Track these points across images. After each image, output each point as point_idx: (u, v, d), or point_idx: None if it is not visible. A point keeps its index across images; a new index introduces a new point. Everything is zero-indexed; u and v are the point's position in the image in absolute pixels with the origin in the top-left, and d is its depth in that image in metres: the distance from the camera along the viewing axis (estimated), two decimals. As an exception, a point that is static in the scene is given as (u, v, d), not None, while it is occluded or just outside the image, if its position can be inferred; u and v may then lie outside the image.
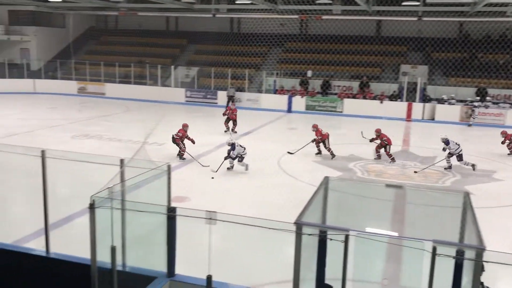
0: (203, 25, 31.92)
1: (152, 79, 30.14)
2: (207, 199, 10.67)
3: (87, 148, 15.17)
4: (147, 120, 21.73)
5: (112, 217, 4.66)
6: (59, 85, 30.53)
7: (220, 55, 30.27)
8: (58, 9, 32.96)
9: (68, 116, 22.30)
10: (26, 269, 6.26)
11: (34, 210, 9.71)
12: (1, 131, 17.50)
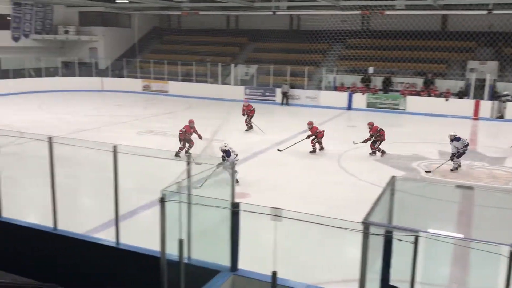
0: (263, 23, 32.08)
1: (212, 77, 30.69)
2: (267, 196, 10.73)
3: (152, 144, 15.70)
4: (209, 118, 22.16)
5: (180, 211, 4.82)
6: (125, 83, 31.79)
7: (279, 52, 30.32)
8: (124, 10, 34.31)
9: (134, 113, 23.19)
10: (97, 259, 6.60)
11: (102, 203, 10.26)
12: (72, 127, 18.50)
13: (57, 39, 33.53)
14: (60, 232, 6.84)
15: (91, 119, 20.69)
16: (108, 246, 6.30)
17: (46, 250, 6.97)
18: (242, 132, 18.60)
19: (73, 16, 34.60)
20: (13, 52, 31.13)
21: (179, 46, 34.32)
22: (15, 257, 7.14)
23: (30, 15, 31.99)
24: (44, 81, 30.39)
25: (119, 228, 6.39)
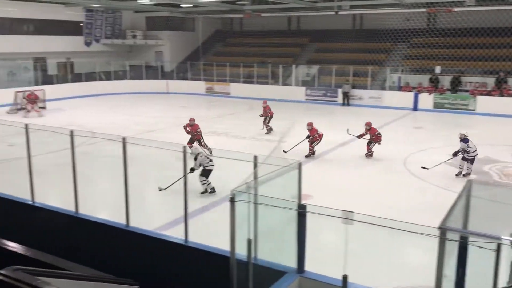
0: (325, 23, 31.80)
1: (273, 78, 30.82)
2: (330, 198, 10.62)
3: (215, 144, 16.01)
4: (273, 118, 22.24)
5: (249, 211, 4.88)
6: (188, 86, 32.65)
7: (342, 52, 29.92)
8: (189, 14, 35.23)
9: (197, 114, 23.69)
10: (166, 256, 6.82)
11: (168, 201, 10.59)
12: (140, 128, 19.25)
13: (125, 43, 35.03)
14: (132, 229, 7.15)
15: (158, 120, 21.42)
16: (177, 244, 6.50)
17: (119, 246, 7.30)
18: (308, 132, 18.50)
19: (140, 21, 35.99)
20: (85, 56, 32.88)
21: (241, 48, 34.76)
22: (91, 251, 7.53)
23: (101, 21, 33.64)
24: (114, 83, 31.86)
25: (188, 227, 6.57)
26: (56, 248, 6.71)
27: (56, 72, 31.63)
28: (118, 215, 7.64)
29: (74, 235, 7.89)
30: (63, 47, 31.53)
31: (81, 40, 33.01)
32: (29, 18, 29.71)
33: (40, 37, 30.11)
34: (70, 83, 30.38)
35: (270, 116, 19.06)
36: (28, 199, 8.43)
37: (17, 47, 28.78)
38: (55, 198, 10.16)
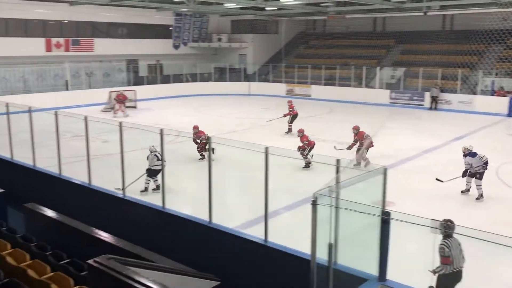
0: (413, 24, 30.62)
1: (356, 80, 30.23)
2: (414, 206, 10.20)
3: (294, 146, 16.02)
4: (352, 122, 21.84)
5: (330, 215, 4.84)
6: (270, 87, 32.95)
7: (430, 54, 28.64)
8: (272, 17, 35.59)
9: (278, 116, 23.89)
10: (246, 254, 6.95)
11: (249, 200, 10.78)
12: (223, 128, 19.75)
13: (211, 46, 36.14)
14: (214, 226, 7.36)
15: (240, 121, 21.85)
16: (257, 243, 6.59)
17: (201, 241, 7.55)
18: (392, 136, 17.97)
19: (226, 24, 36.96)
20: (173, 59, 34.38)
21: (323, 50, 34.48)
22: (175, 245, 7.87)
23: (189, 25, 34.99)
24: (199, 85, 33.00)
25: (268, 227, 6.64)
26: (143, 240, 7.09)
27: (147, 73, 33.40)
28: (201, 211, 7.91)
29: (160, 228, 8.29)
30: (153, 49, 33.23)
31: (170, 43, 34.55)
32: (124, 22, 31.63)
33: (133, 40, 31.97)
34: (159, 84, 31.93)
35: (293, 116, 18.67)
36: (119, 192, 8.97)
37: (112, 49, 30.76)
38: (143, 192, 10.71)
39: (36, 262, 5.50)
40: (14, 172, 11.56)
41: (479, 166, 10.64)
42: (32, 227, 8.08)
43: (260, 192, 7.08)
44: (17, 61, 26.98)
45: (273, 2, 27.04)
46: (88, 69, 30.04)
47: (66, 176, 10.25)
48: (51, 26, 28.16)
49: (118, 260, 4.48)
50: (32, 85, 27.63)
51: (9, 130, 11.82)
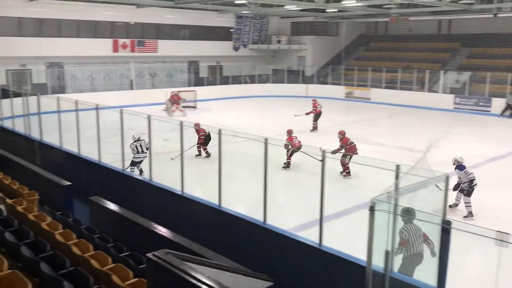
0: (480, 26, 29.29)
1: (418, 84, 29.32)
2: (477, 216, 9.76)
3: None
4: (412, 126, 21.25)
5: (388, 221, 4.73)
6: (328, 90, 32.63)
7: (499, 58, 27.28)
8: (333, 19, 35.25)
9: (335, 119, 23.62)
10: (299, 257, 6.93)
11: (303, 203, 10.74)
12: (279, 129, 19.75)
13: (270, 48, 36.31)
14: (269, 227, 7.39)
15: (296, 123, 21.75)
16: (312, 247, 6.55)
17: (255, 241, 7.61)
18: (456, 143, 17.29)
19: (285, 26, 37.00)
20: (232, 60, 34.87)
21: (384, 53, 33.72)
22: (229, 243, 7.98)
23: (249, 27, 35.35)
24: (257, 87, 33.27)
25: (323, 231, 6.59)
26: (199, 237, 7.25)
27: (207, 74, 34.11)
28: (255, 211, 7.97)
29: (216, 226, 8.43)
30: (214, 51, 33.87)
31: (230, 45, 35.06)
32: (186, 24, 32.47)
33: (194, 42, 32.74)
34: (218, 85, 32.50)
35: (317, 114, 18.70)
36: (178, 189, 9.22)
37: (175, 51, 31.67)
38: (200, 190, 10.95)
39: (99, 253, 5.76)
40: (81, 166, 12.17)
41: (465, 182, 10.00)
42: (95, 219, 8.48)
43: (314, 195, 7.04)
44: (86, 61, 28.42)
45: (334, 4, 26.76)
46: (152, 69, 31.11)
47: (129, 171, 10.67)
48: (118, 27, 29.42)
49: (176, 255, 4.60)
50: (99, 84, 29.00)
51: (77, 126, 12.46)
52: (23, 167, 11.35)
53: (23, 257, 5.17)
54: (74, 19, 27.03)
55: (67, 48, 26.71)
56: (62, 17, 26.59)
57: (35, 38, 25.90)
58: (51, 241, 5.95)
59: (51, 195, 9.49)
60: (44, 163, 13.39)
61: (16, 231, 6.10)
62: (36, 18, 26.03)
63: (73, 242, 5.99)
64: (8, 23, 24.83)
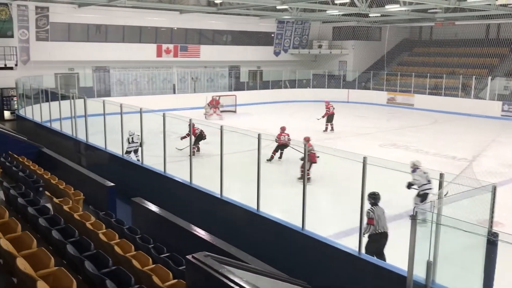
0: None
1: (464, 90, 28.44)
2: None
3: (393, 157, 15.42)
4: (458, 133, 20.64)
5: (431, 231, 4.61)
6: (369, 95, 32.16)
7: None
8: (376, 23, 34.75)
9: (377, 125, 23.26)
10: (338, 265, 6.85)
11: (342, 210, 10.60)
12: (319, 135, 19.65)
13: (310, 53, 36.17)
14: (307, 233, 7.35)
15: (336, 129, 21.57)
16: (351, 254, 6.47)
17: (293, 246, 7.58)
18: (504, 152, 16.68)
19: (327, 31, 36.77)
20: (273, 65, 34.95)
21: (428, 58, 32.94)
22: (267, 248, 7.98)
23: (290, 32, 35.36)
24: (297, 91, 33.20)
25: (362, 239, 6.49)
26: (237, 240, 7.29)
27: (247, 79, 34.31)
28: (293, 216, 7.94)
29: (254, 230, 8.46)
30: (254, 56, 34.06)
31: (270, 50, 35.17)
32: (228, 29, 32.82)
33: (236, 47, 33.05)
34: (258, 90, 32.64)
35: (330, 116, 19.33)
36: (217, 193, 9.31)
37: (217, 56, 32.07)
38: (238, 194, 11.02)
39: (140, 253, 5.89)
40: (124, 168, 12.51)
41: (422, 185, 9.55)
42: (137, 220, 8.68)
43: (354, 202, 6.95)
44: (131, 65, 29.21)
45: (377, 8, 26.40)
46: (194, 74, 31.61)
47: (170, 174, 10.86)
48: (162, 33, 30.09)
49: (214, 258, 4.66)
50: (143, 88, 29.74)
51: (122, 128, 12.81)
52: (69, 167, 11.77)
53: (69, 255, 5.35)
54: (120, 24, 27.84)
55: (113, 53, 27.55)
56: (108, 23, 27.46)
57: (83, 43, 26.87)
58: (95, 240, 6.13)
59: (96, 196, 9.79)
60: (89, 164, 13.84)
61: (62, 229, 6.33)
62: (84, 24, 27.00)
63: (115, 242, 6.15)
64: (58, 28, 25.86)
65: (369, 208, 7.35)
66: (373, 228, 7.30)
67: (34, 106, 19.69)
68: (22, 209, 7.14)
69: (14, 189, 8.12)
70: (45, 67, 24.97)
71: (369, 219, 7.29)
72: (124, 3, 24.39)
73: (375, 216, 7.35)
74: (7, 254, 4.89)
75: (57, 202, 7.98)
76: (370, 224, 7.29)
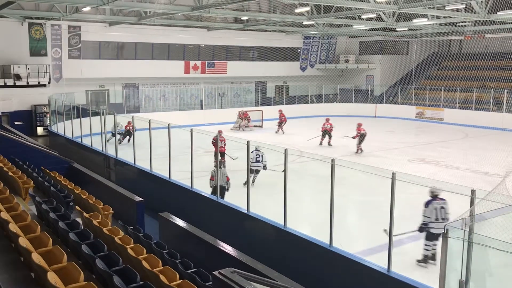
0: None
1: (496, 104, 27.81)
2: None
3: (422, 173, 15.18)
4: (490, 149, 20.13)
5: (463, 249, 4.49)
6: (397, 110, 31.79)
7: None
8: (403, 37, 34.48)
9: (406, 140, 22.94)
10: (366, 283, 6.73)
11: (369, 226, 10.44)
12: (344, 150, 19.49)
13: (337, 68, 36.10)
14: (335, 250, 7.26)
15: (364, 144, 21.34)
16: (379, 272, 6.35)
17: (321, 263, 7.49)
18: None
19: (354, 46, 36.67)
20: (299, 80, 35.00)
21: (458, 72, 32.41)
22: (294, 264, 7.91)
23: (317, 47, 35.43)
24: (323, 106, 33.06)
25: (391, 256, 6.37)
26: (263, 256, 7.26)
27: (273, 94, 34.43)
28: (320, 233, 7.86)
29: (280, 247, 8.41)
30: (281, 71, 34.22)
31: (297, 65, 35.27)
32: (255, 45, 33.12)
33: (262, 63, 33.29)
34: (284, 105, 32.67)
35: (362, 136, 19.13)
36: (243, 208, 9.31)
37: (243, 71, 32.34)
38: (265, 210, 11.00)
39: (167, 268, 5.92)
40: (152, 183, 12.65)
41: (430, 223, 8.17)
42: (165, 235, 8.75)
43: (383, 219, 6.84)
44: (160, 82, 29.74)
45: (404, 22, 26.21)
46: (221, 90, 31.94)
47: (197, 189, 10.93)
48: (190, 50, 30.59)
49: (241, 274, 4.64)
50: (171, 104, 30.20)
51: (150, 144, 13.01)
52: (99, 182, 11.99)
53: (98, 270, 5.43)
54: (149, 42, 28.45)
55: (142, 70, 28.13)
56: (138, 41, 28.11)
57: (113, 60, 27.55)
58: (123, 255, 6.20)
59: (124, 210, 9.93)
60: (118, 179, 14.07)
61: (92, 244, 6.43)
62: (115, 42, 27.71)
63: (143, 257, 6.20)
64: (89, 46, 26.61)
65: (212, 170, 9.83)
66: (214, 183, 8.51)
67: (65, 122, 20.21)
68: (54, 223, 7.29)
69: (46, 204, 8.30)
70: (77, 84, 25.68)
71: (212, 177, 10.27)
72: (153, 21, 24.96)
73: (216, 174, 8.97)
74: (39, 268, 4.99)
75: (87, 216, 8.12)
76: (212, 180, 10.24)
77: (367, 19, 25.68)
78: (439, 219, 8.03)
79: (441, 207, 8.15)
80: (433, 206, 8.13)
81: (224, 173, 11.17)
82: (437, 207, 8.13)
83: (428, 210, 8.14)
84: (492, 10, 21.89)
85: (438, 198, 8.17)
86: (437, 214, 8.10)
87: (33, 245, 5.74)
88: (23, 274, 5.62)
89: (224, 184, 10.92)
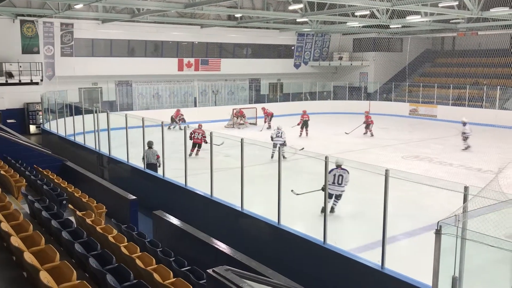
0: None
1: (488, 101, 27.95)
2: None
3: (416, 169, 15.24)
4: (484, 146, 20.23)
5: (456, 245, 4.50)
6: (391, 107, 31.86)
7: None
8: (397, 35, 34.55)
9: (399, 136, 23.00)
10: (360, 279, 6.74)
11: (363, 223, 10.47)
12: (340, 147, 19.52)
13: (331, 65, 36.12)
14: (329, 247, 7.26)
15: (358, 141, 21.42)
16: (373, 269, 6.36)
17: (315, 260, 7.50)
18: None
19: (347, 43, 36.72)
20: (293, 77, 35.01)
21: (451, 69, 32.55)
22: (288, 262, 7.91)
23: (310, 44, 35.41)
24: (317, 103, 33.08)
25: (385, 253, 6.38)
26: (258, 254, 7.25)
27: (267, 92, 34.40)
28: (313, 230, 7.87)
29: (275, 244, 8.40)
30: (275, 69, 34.19)
31: (290, 62, 35.25)
32: (248, 43, 33.05)
33: (256, 60, 33.24)
34: (278, 102, 32.68)
35: (368, 124, 21.99)
36: (237, 206, 9.30)
37: (237, 69, 32.28)
38: (259, 207, 10.99)
39: (161, 266, 5.90)
40: (146, 181, 12.61)
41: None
42: (158, 233, 8.72)
43: (378, 215, 6.85)
44: (153, 79, 29.63)
45: (398, 19, 26.26)
46: (214, 87, 31.88)
47: (191, 187, 10.90)
48: (183, 47, 30.48)
49: (235, 272, 4.63)
50: (164, 101, 30.10)
51: (143, 142, 12.95)
52: (92, 180, 11.93)
53: (91, 268, 5.40)
54: (142, 39, 28.33)
55: (135, 67, 28.01)
56: (131, 38, 27.97)
57: (106, 58, 27.39)
58: (117, 253, 6.17)
59: (118, 209, 9.89)
60: (112, 177, 14.01)
61: (85, 242, 6.39)
62: (107, 39, 27.56)
63: (137, 256, 6.17)
64: (82, 44, 26.45)
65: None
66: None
67: (58, 120, 20.10)
68: (46, 222, 7.25)
69: (39, 202, 8.24)
70: (70, 82, 25.51)
71: None
72: (146, 18, 24.83)
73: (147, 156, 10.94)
74: (31, 268, 4.95)
75: (80, 215, 8.07)
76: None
77: (360, 16, 25.71)
78: (335, 183, 10.45)
79: (340, 175, 10.50)
80: (333, 173, 10.41)
81: (155, 153, 13.05)
82: (336, 174, 10.48)
83: (330, 175, 10.10)
84: (485, 7, 21.97)
85: (340, 168, 10.49)
86: (334, 179, 10.46)
87: (25, 244, 5.70)
88: (15, 274, 5.58)
89: (154, 162, 12.87)
